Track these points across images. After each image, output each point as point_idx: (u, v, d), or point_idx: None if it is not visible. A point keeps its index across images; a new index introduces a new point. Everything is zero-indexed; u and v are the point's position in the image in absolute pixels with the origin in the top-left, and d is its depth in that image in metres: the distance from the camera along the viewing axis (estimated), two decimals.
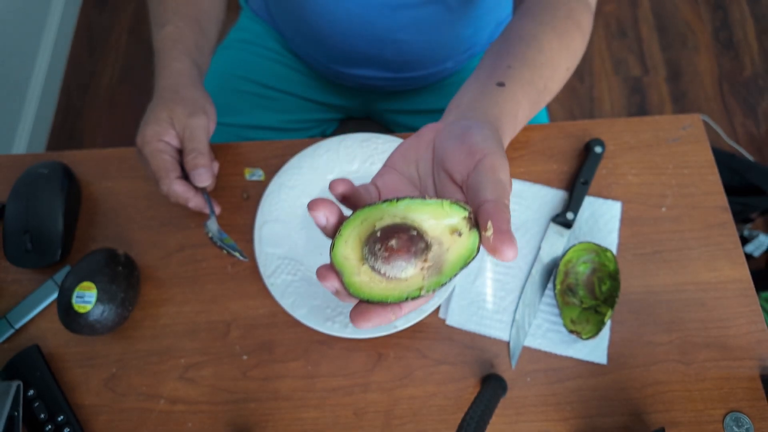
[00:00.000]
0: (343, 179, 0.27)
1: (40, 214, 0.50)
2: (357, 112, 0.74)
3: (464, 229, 0.26)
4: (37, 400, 0.45)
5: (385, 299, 0.25)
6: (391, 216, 0.26)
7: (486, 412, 0.39)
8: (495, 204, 0.26)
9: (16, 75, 1.19)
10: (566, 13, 0.42)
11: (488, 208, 0.25)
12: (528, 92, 0.37)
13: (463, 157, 0.28)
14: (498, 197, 0.26)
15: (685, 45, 1.35)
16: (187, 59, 0.49)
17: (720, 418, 0.44)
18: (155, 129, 0.44)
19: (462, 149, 0.29)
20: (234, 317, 0.49)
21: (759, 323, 0.47)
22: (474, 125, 0.30)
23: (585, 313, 0.47)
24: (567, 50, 0.42)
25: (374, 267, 0.25)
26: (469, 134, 0.29)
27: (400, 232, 0.25)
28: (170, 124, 0.45)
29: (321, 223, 0.26)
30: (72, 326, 0.45)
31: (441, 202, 0.26)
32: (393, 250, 0.24)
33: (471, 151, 0.28)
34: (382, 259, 0.25)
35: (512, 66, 0.37)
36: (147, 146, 0.45)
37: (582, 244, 0.48)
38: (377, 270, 0.25)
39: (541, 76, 0.39)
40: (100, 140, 1.29)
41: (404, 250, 0.25)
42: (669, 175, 0.53)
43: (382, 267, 0.25)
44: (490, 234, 0.25)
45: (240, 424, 0.45)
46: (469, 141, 0.29)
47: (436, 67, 0.64)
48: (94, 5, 1.43)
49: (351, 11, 0.55)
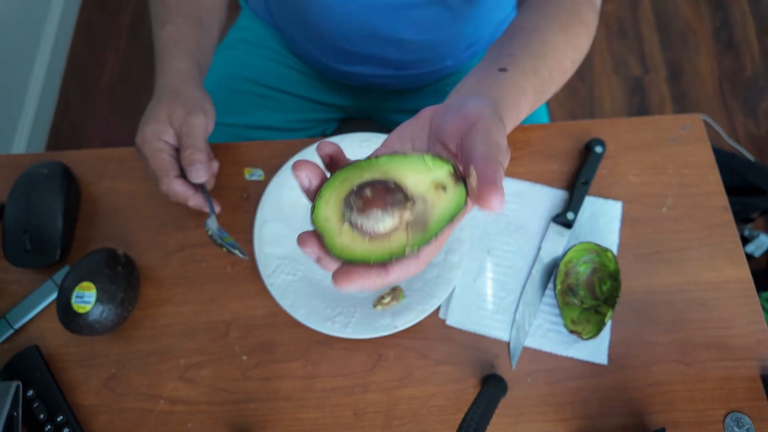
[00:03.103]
0: (332, 142, 0.27)
1: (40, 214, 0.50)
2: (357, 112, 0.74)
3: (449, 183, 0.25)
4: (37, 400, 0.45)
5: (368, 259, 0.24)
6: (370, 173, 0.25)
7: (486, 413, 0.39)
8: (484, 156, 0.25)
9: (16, 74, 1.19)
10: (570, 8, 0.43)
11: (477, 160, 0.25)
12: (532, 80, 0.37)
13: (458, 124, 0.28)
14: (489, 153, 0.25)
15: (685, 45, 1.35)
16: (187, 59, 0.49)
17: (721, 418, 0.44)
18: (154, 128, 0.44)
19: (457, 118, 0.28)
20: (234, 317, 0.49)
21: (760, 323, 0.47)
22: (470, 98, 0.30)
23: (585, 314, 0.47)
24: (571, 43, 0.42)
25: (351, 221, 0.24)
26: (464, 106, 0.29)
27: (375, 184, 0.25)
28: (169, 123, 0.45)
29: (304, 184, 0.26)
30: (71, 326, 0.45)
31: (422, 156, 0.25)
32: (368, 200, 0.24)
33: (465, 118, 0.28)
34: (358, 210, 0.24)
35: (514, 54, 0.37)
36: (146, 145, 0.45)
37: (582, 244, 0.48)
38: (354, 224, 0.24)
39: (545, 66, 0.39)
40: (99, 140, 1.29)
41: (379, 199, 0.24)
42: (669, 175, 0.53)
43: (359, 219, 0.24)
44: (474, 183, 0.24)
45: (240, 425, 0.45)
46: (463, 110, 0.28)
47: (437, 65, 0.64)
48: (94, 5, 1.43)
49: (353, 11, 0.55)
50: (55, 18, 1.32)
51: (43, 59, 1.28)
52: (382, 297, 0.47)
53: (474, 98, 0.30)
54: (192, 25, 0.51)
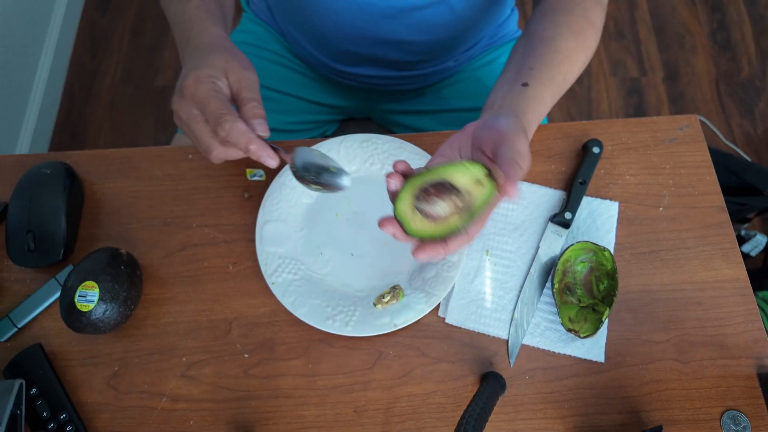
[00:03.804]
0: (403, 161, 0.37)
1: (43, 214, 0.50)
2: (358, 113, 0.74)
3: (484, 180, 0.36)
4: (40, 399, 0.46)
5: (433, 235, 0.35)
6: (431, 178, 0.36)
7: (485, 410, 0.39)
8: (508, 160, 0.36)
9: (19, 76, 1.19)
10: (581, 12, 0.48)
11: (503, 163, 0.36)
12: (549, 87, 0.45)
13: (492, 136, 0.38)
14: (512, 158, 0.36)
15: (682, 46, 1.36)
16: (223, 29, 0.46)
17: (717, 416, 0.45)
18: (209, 72, 0.40)
19: (491, 132, 0.38)
20: (235, 316, 0.49)
21: (756, 322, 0.47)
22: (502, 117, 0.40)
23: (583, 312, 0.48)
24: (583, 46, 0.48)
25: (420, 209, 0.35)
26: (498, 123, 0.39)
27: (435, 184, 0.36)
28: (224, 73, 0.41)
29: (391, 188, 0.36)
30: (74, 325, 0.45)
31: (463, 162, 0.36)
32: (431, 194, 0.35)
33: (497, 132, 0.38)
34: (425, 200, 0.35)
35: (534, 68, 0.45)
36: (202, 86, 0.39)
37: (580, 244, 0.48)
38: (422, 211, 0.35)
39: (560, 72, 0.46)
40: (102, 140, 1.30)
41: (439, 193, 0.35)
42: (666, 176, 0.53)
43: (425, 206, 0.35)
44: (501, 180, 0.35)
45: (241, 422, 0.45)
46: (497, 127, 0.38)
47: (438, 66, 0.65)
48: (97, 7, 1.44)
49: (355, 13, 0.56)
50: (57, 20, 1.33)
51: (47, 60, 1.28)
52: (382, 296, 0.48)
53: (504, 117, 0.40)
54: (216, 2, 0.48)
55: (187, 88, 0.40)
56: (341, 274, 0.50)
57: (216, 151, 0.40)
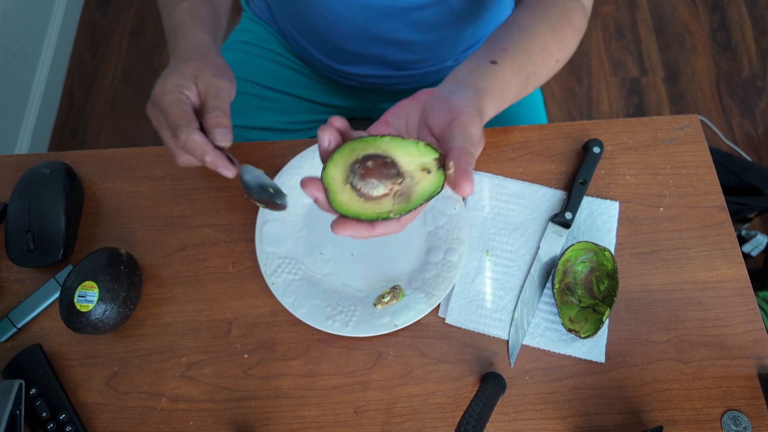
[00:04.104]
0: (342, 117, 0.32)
1: (43, 214, 0.50)
2: (358, 113, 0.74)
3: (433, 168, 0.31)
4: (39, 399, 0.46)
5: (359, 216, 0.30)
6: (374, 148, 0.31)
7: (485, 410, 0.39)
8: (460, 149, 0.31)
9: (19, 76, 1.19)
10: (562, 11, 0.47)
11: (454, 152, 0.31)
12: (517, 72, 0.42)
13: (443, 113, 0.34)
14: (464, 145, 0.31)
15: (683, 46, 1.36)
16: (208, 33, 0.47)
17: (718, 416, 0.45)
18: (177, 81, 0.42)
19: (443, 107, 0.34)
20: (235, 316, 0.49)
21: (756, 322, 0.47)
22: (458, 89, 0.36)
23: (583, 312, 0.48)
24: (559, 44, 0.46)
25: (352, 183, 0.30)
26: (452, 96, 0.35)
27: (377, 158, 0.30)
28: (194, 81, 0.43)
29: (324, 144, 0.31)
30: (74, 325, 0.45)
31: (417, 143, 0.31)
32: (368, 169, 0.30)
33: (450, 109, 0.34)
34: (359, 175, 0.30)
35: (506, 48, 0.42)
36: (167, 96, 0.41)
37: (580, 244, 0.48)
38: (354, 186, 0.30)
39: (531, 62, 0.44)
40: (102, 141, 1.30)
41: (377, 171, 0.30)
42: (666, 175, 0.53)
43: (359, 183, 0.30)
44: (451, 172, 0.30)
45: (241, 422, 0.45)
46: (450, 101, 0.34)
47: (437, 66, 0.65)
48: (96, 7, 1.44)
49: (354, 12, 0.56)
50: (57, 20, 1.33)
51: (46, 60, 1.28)
52: (382, 296, 0.48)
53: (461, 91, 0.36)
54: (206, 5, 0.49)
55: (155, 96, 0.42)
56: (341, 274, 0.50)
57: (180, 159, 0.42)
